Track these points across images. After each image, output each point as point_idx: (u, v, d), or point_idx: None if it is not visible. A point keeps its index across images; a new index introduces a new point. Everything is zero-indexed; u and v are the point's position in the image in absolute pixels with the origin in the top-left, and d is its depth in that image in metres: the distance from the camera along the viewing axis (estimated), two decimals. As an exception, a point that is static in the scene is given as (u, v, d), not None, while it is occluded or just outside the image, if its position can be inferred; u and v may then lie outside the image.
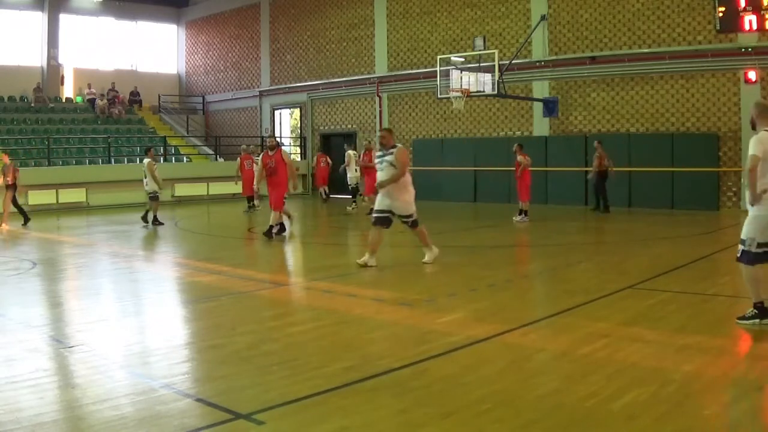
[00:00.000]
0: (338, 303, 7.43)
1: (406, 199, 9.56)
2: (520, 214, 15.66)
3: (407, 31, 24.13)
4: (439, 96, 20.30)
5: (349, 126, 26.26)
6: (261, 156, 13.08)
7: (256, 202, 17.87)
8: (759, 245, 5.93)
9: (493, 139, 21.86)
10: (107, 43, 30.69)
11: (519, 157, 15.54)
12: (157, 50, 32.50)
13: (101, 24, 30.38)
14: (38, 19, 28.55)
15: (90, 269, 10.38)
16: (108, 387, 4.66)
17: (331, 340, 5.89)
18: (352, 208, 19.06)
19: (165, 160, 25.98)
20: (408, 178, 9.58)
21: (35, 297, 8.15)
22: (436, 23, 23.33)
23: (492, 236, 14.05)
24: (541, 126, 21.01)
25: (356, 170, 19.55)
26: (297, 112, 29.61)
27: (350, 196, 20.00)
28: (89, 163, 23.78)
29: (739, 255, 6.05)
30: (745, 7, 16.27)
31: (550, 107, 20.62)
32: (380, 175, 9.49)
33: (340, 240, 14.40)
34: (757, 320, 6.00)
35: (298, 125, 30.17)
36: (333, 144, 27.09)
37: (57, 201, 20.60)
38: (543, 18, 20.62)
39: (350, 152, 20.20)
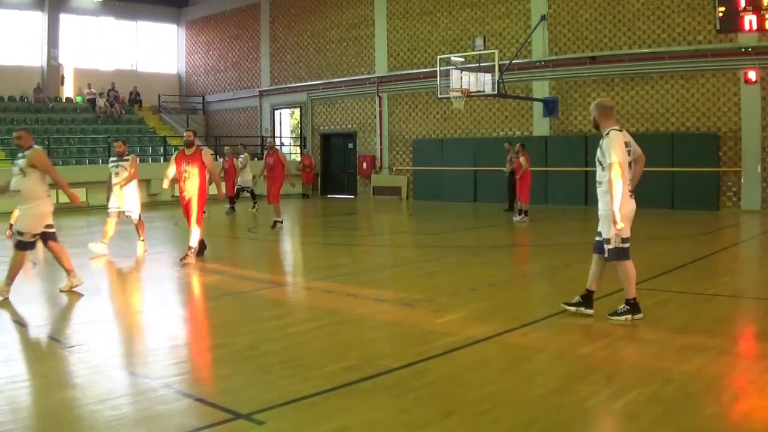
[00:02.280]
0: (338, 303, 7.42)
1: (26, 210, 7.55)
2: (519, 214, 15.66)
3: (407, 31, 24.13)
4: (439, 96, 20.30)
5: (349, 126, 26.27)
6: (175, 155, 10.51)
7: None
8: (623, 240, 6.13)
9: (493, 139, 21.85)
10: (107, 43, 30.69)
11: (521, 158, 15.55)
12: (157, 50, 32.51)
13: (101, 24, 30.38)
14: (38, 19, 28.54)
15: (90, 269, 10.37)
16: (108, 387, 4.65)
17: (331, 340, 5.89)
18: (253, 209, 19.16)
19: (165, 159, 25.98)
20: (41, 188, 7.56)
21: (35, 297, 8.14)
22: (436, 23, 23.33)
23: (492, 236, 14.06)
24: (541, 126, 21.01)
25: (252, 175, 18.98)
26: (297, 112, 29.62)
27: (234, 199, 19.43)
28: (89, 163, 23.76)
29: (608, 255, 6.19)
30: (745, 7, 16.28)
31: (550, 107, 20.61)
32: (13, 183, 7.60)
33: (340, 240, 14.39)
34: (629, 316, 6.16)
35: (299, 125, 30.19)
36: (333, 144, 27.14)
37: (57, 201, 20.31)
38: (543, 18, 20.62)
39: (245, 155, 19.76)
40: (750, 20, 16.26)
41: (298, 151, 28.95)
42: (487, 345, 5.61)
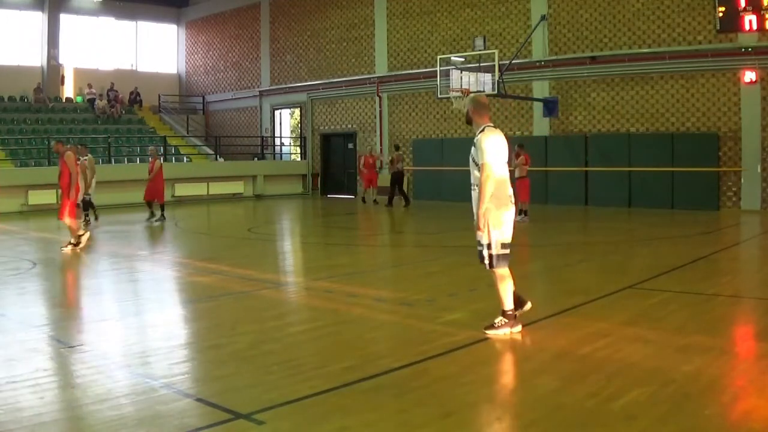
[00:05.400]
0: (338, 303, 7.42)
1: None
2: (519, 214, 15.64)
3: (407, 31, 24.13)
4: (439, 96, 20.30)
5: (349, 126, 26.27)
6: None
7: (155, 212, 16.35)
8: (503, 245, 5.78)
9: (493, 139, 21.81)
10: (107, 43, 30.69)
11: (521, 158, 15.58)
12: (157, 50, 32.50)
13: (101, 24, 30.38)
14: (38, 19, 28.54)
15: (90, 269, 10.37)
16: (108, 387, 4.65)
17: (331, 340, 5.89)
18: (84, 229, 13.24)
19: (165, 160, 25.98)
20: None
21: (35, 297, 8.14)
22: (436, 23, 23.33)
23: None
24: (541, 126, 21.01)
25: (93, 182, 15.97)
26: (297, 112, 29.62)
27: (87, 211, 16.16)
28: (89, 163, 23.74)
29: (488, 261, 5.79)
30: (745, 7, 16.26)
31: (550, 107, 20.61)
32: None
33: (340, 240, 14.39)
34: (509, 329, 5.80)
35: (299, 125, 30.19)
36: (333, 144, 27.14)
37: (57, 201, 20.53)
38: (543, 18, 20.62)
39: (89, 156, 16.26)
40: (750, 20, 16.25)
41: (299, 151, 28.94)
42: (487, 345, 5.61)
